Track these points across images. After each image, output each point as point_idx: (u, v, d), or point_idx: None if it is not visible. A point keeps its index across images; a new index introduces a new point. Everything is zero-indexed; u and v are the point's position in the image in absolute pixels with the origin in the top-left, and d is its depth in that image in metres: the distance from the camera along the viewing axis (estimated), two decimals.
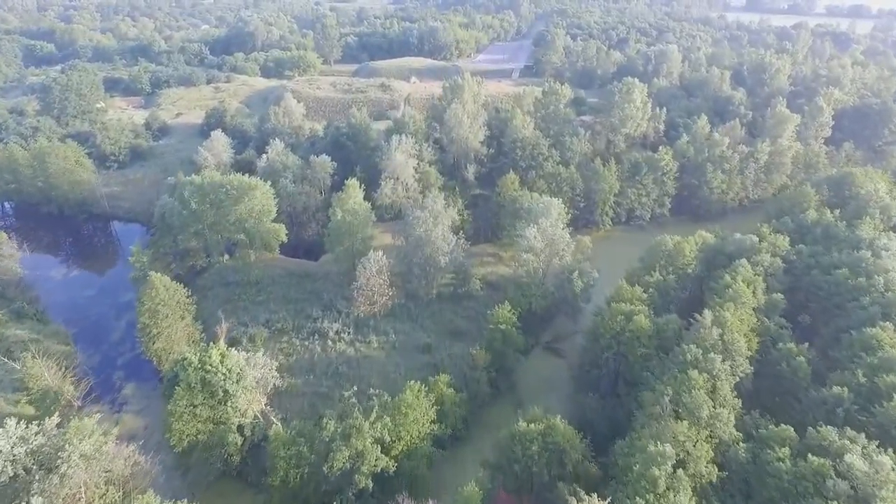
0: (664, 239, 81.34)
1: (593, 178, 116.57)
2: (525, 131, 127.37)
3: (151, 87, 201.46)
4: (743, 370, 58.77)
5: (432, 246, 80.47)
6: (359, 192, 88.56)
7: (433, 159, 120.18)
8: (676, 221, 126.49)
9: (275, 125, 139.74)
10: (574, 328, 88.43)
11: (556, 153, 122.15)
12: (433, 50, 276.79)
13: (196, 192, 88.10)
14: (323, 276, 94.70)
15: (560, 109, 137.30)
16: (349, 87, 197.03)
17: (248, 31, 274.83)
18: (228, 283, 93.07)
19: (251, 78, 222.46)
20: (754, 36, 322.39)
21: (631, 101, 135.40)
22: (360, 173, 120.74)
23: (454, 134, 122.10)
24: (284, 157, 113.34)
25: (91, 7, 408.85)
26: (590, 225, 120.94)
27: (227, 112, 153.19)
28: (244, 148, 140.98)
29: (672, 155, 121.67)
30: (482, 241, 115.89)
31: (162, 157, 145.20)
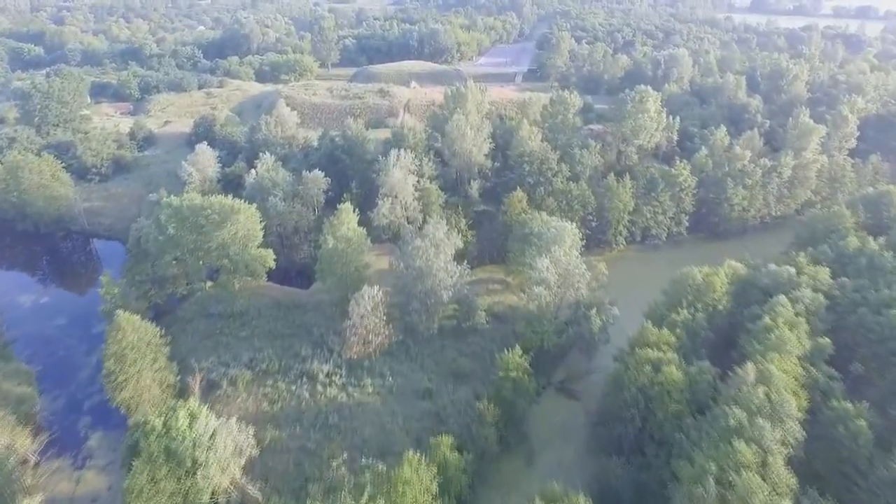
0: (691, 272, 73.09)
1: (606, 195, 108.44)
2: (532, 143, 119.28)
3: (140, 93, 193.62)
4: (795, 437, 50.62)
5: (433, 278, 72.40)
6: (352, 217, 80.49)
7: (434, 174, 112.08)
8: (694, 240, 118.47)
9: (266, 136, 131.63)
10: (589, 366, 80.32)
11: (566, 167, 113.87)
12: (434, 53, 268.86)
13: (174, 215, 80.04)
14: (313, 306, 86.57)
15: (569, 119, 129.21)
16: (346, 93, 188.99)
17: (244, 34, 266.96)
18: (210, 314, 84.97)
19: (245, 83, 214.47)
20: (763, 38, 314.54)
21: (644, 111, 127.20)
22: (355, 189, 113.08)
23: (456, 147, 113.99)
24: (274, 172, 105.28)
25: (85, 8, 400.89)
26: (602, 245, 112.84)
27: (216, 121, 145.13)
28: (233, 160, 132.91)
29: (690, 170, 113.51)
30: (487, 262, 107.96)
31: (147, 169, 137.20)
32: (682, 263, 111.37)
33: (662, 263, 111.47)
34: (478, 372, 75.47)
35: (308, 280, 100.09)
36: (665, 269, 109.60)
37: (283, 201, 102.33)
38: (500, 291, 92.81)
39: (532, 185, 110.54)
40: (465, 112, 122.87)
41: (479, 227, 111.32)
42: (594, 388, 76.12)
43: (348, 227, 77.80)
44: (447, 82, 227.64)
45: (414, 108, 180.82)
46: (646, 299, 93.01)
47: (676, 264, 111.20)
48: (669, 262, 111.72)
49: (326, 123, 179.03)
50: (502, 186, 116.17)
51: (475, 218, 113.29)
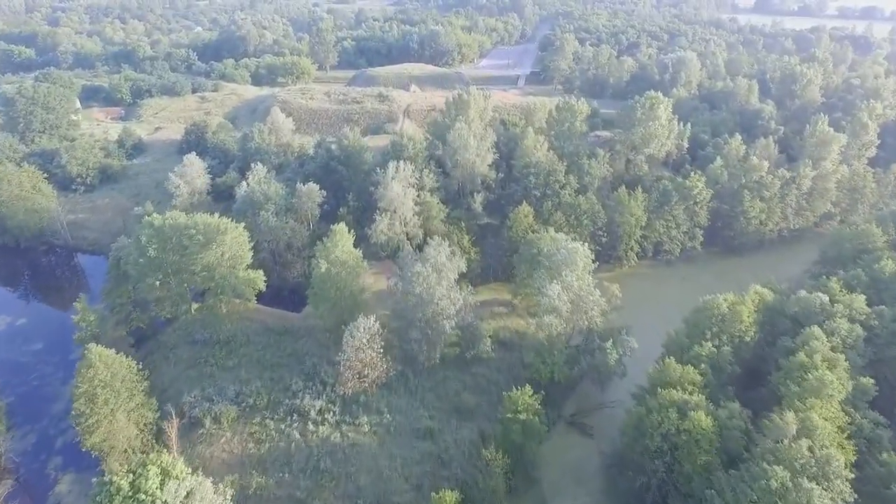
0: (715, 301, 67.08)
1: (617, 209, 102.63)
2: (538, 153, 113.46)
3: (132, 97, 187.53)
4: (845, 500, 44.80)
5: (435, 307, 66.56)
6: (347, 238, 74.53)
7: (435, 186, 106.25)
8: (708, 255, 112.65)
9: (259, 144, 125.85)
10: (602, 398, 74.51)
11: (574, 179, 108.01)
12: (434, 55, 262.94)
13: (155, 236, 74.20)
14: (306, 332, 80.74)
15: (576, 127, 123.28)
16: (344, 98, 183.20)
17: (240, 36, 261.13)
18: (195, 340, 79.11)
19: (240, 86, 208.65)
20: (769, 40, 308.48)
21: (655, 118, 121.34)
22: (352, 201, 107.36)
23: (459, 157, 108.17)
24: (266, 185, 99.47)
25: (80, 9, 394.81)
26: (612, 261, 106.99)
27: (207, 128, 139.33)
28: (225, 169, 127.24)
29: (704, 181, 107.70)
30: (491, 280, 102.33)
31: (136, 179, 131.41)
32: (697, 280, 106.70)
33: (676, 281, 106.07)
34: (483, 407, 69.66)
35: (301, 299, 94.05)
36: (679, 287, 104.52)
37: (276, 216, 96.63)
38: (505, 315, 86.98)
39: (539, 199, 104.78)
40: (468, 120, 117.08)
41: (482, 242, 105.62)
42: (608, 424, 70.39)
43: (343, 249, 71.90)
44: (448, 86, 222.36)
45: (414, 114, 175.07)
46: (661, 321, 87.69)
47: (691, 281, 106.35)
48: (683, 279, 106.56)
49: (324, 129, 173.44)
50: (507, 199, 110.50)
51: (478, 232, 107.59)
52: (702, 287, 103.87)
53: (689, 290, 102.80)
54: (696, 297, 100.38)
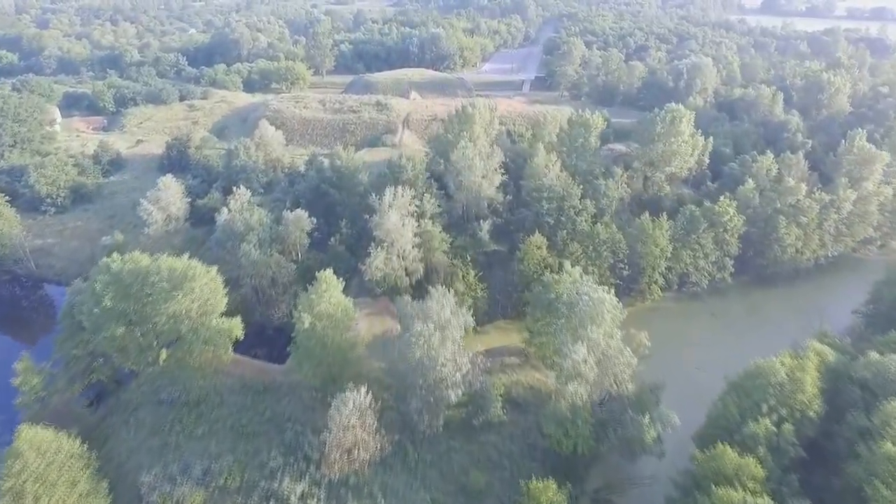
0: (771, 366, 56.42)
1: (639, 237, 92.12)
2: (550, 172, 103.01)
3: (116, 106, 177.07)
4: None
5: (438, 373, 56.11)
6: (335, 286, 63.94)
7: (437, 212, 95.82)
8: (738, 285, 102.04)
9: (244, 161, 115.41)
10: (633, 473, 64.09)
11: (591, 204, 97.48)
12: (435, 59, 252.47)
13: (112, 283, 63.79)
14: (289, 389, 70.23)
15: (590, 143, 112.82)
16: (340, 106, 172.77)
17: (233, 39, 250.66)
18: (161, 401, 68.58)
19: (231, 93, 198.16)
20: (782, 43, 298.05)
21: (677, 134, 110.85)
22: (345, 228, 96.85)
23: (463, 178, 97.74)
24: (249, 212, 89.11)
25: (71, 11, 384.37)
26: (632, 293, 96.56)
27: (190, 142, 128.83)
28: (209, 188, 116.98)
29: (736, 206, 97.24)
30: (499, 317, 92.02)
31: (111, 199, 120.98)
32: (729, 316, 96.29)
33: (705, 317, 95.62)
34: (494, 487, 59.25)
35: (287, 340, 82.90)
36: (710, 326, 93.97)
37: (259, 248, 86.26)
38: (518, 366, 76.38)
39: (552, 226, 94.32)
40: (472, 136, 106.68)
41: (489, 274, 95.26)
42: None
43: (330, 300, 61.38)
44: (450, 92, 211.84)
45: (414, 124, 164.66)
46: (692, 369, 77.79)
47: (722, 318, 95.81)
48: (713, 314, 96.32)
49: (318, 140, 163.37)
50: (516, 224, 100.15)
51: (485, 261, 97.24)
52: (735, 325, 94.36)
53: (722, 328, 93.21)
54: (729, 337, 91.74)
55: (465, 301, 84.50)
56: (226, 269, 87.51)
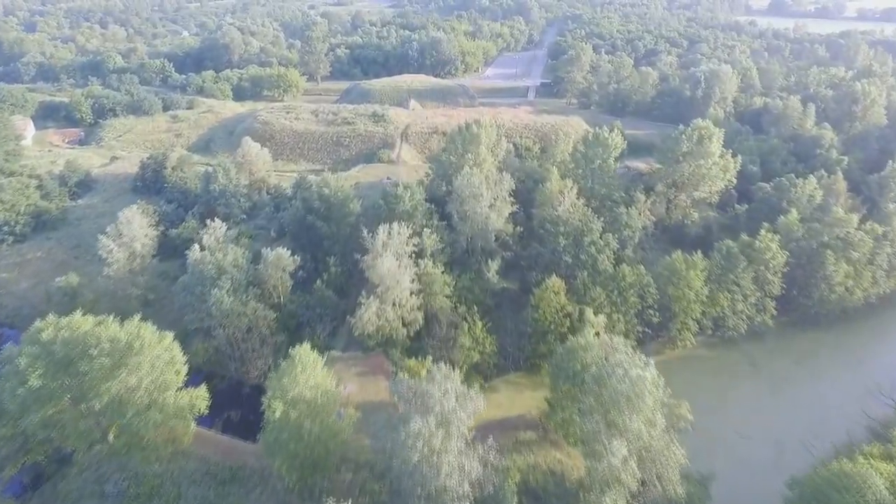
0: (862, 473, 44.62)
1: (670, 279, 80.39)
2: (565, 199, 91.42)
3: (94, 117, 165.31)
4: None
5: (440, 483, 44.40)
6: (314, 362, 52.01)
7: (438, 248, 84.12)
8: (779, 327, 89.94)
9: (224, 185, 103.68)
10: None
11: (613, 238, 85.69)
12: (436, 64, 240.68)
13: (42, 357, 52.09)
14: (259, 477, 58.49)
15: (609, 165, 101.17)
16: (334, 118, 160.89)
17: (223, 44, 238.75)
18: (106, 494, 56.92)
19: (219, 102, 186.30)
20: (797, 46, 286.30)
21: (707, 155, 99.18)
22: (334, 266, 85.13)
23: (468, 208, 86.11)
24: (222, 251, 77.34)
25: (59, 13, 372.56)
26: (660, 337, 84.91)
27: (167, 161, 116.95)
28: (185, 214, 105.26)
29: (779, 241, 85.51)
30: (510, 370, 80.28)
31: (77, 226, 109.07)
32: (773, 368, 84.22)
33: (745, 369, 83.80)
34: None
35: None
36: (752, 380, 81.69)
37: (233, 294, 74.64)
38: (535, 443, 64.55)
39: (569, 265, 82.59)
40: (478, 159, 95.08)
41: (498, 315, 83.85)
42: None
43: (307, 383, 49.58)
44: (451, 101, 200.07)
45: (413, 137, 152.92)
46: (730, 431, 66.99)
47: (765, 369, 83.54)
48: (754, 365, 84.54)
49: (310, 155, 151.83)
50: (528, 260, 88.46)
51: (493, 300, 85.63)
52: (780, 378, 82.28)
53: (765, 383, 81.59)
54: (775, 393, 79.92)
55: (471, 357, 73.17)
56: (195, 317, 76.51)
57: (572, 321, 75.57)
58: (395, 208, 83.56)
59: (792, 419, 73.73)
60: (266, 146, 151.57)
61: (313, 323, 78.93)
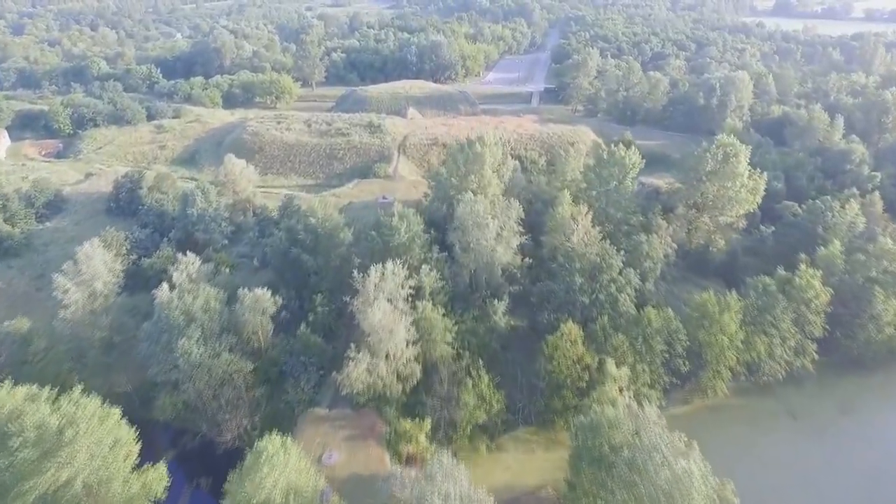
0: None
1: (700, 322, 71.05)
2: (578, 226, 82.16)
3: (74, 127, 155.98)
4: None
5: None
6: (289, 456, 42.58)
7: (438, 287, 74.75)
8: (820, 369, 79.85)
9: (203, 209, 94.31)
10: None
11: (635, 275, 76.28)
12: (435, 69, 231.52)
13: None
14: None
15: (627, 187, 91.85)
16: (328, 128, 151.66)
17: (214, 48, 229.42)
18: None
19: (207, 111, 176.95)
20: (808, 49, 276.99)
21: (735, 176, 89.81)
22: (321, 307, 75.76)
23: (471, 239, 76.79)
24: (192, 296, 67.92)
25: (49, 15, 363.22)
26: (688, 384, 75.52)
27: (143, 180, 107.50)
28: (161, 240, 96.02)
29: (820, 277, 76.15)
30: (519, 425, 70.99)
31: (43, 252, 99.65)
32: (816, 420, 73.97)
33: (784, 420, 74.44)
34: None
35: None
36: (792, 435, 71.99)
37: (204, 343, 65.36)
38: None
39: (586, 306, 73.26)
40: (482, 182, 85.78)
41: (505, 358, 74.72)
42: None
43: (277, 484, 40.19)
44: (452, 108, 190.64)
45: (411, 149, 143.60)
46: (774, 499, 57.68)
47: (807, 422, 73.66)
48: (795, 417, 75.15)
49: (301, 169, 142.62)
50: (539, 296, 78.97)
51: (500, 342, 76.22)
52: (825, 431, 72.60)
53: (809, 437, 72.17)
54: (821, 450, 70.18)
55: (476, 417, 63.91)
56: (161, 369, 67.20)
57: (591, 373, 66.37)
58: (389, 241, 74.13)
59: (844, 483, 64.59)
60: (255, 159, 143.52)
61: (297, 373, 69.60)
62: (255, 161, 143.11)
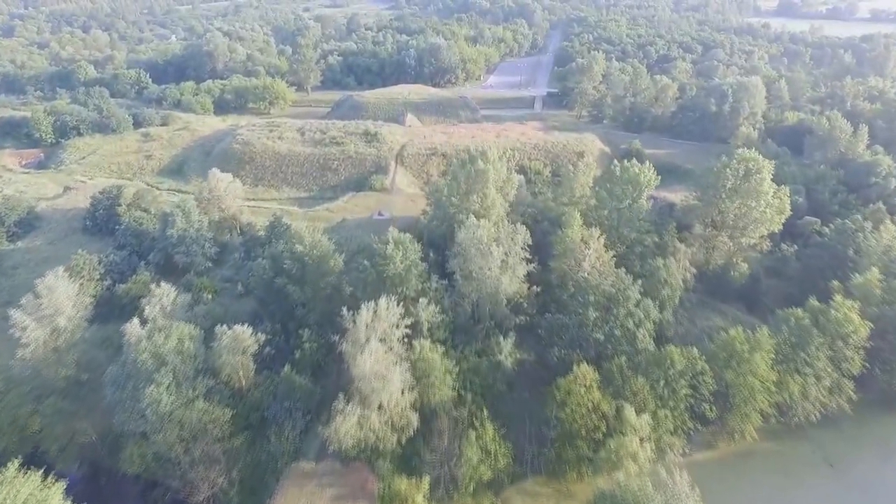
0: None
1: (727, 362, 64.08)
2: (589, 251, 75.33)
3: (56, 136, 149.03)
4: None
5: None
6: None
7: (437, 320, 67.80)
8: (857, 411, 72.47)
9: (185, 230, 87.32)
10: None
11: (654, 307, 69.35)
12: (435, 73, 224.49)
13: None
14: None
15: (641, 206, 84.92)
16: (322, 137, 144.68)
17: (207, 51, 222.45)
18: None
19: (196, 118, 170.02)
20: (817, 51, 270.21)
21: (758, 194, 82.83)
22: (308, 343, 68.86)
23: (473, 268, 69.87)
24: (164, 335, 60.84)
25: (41, 17, 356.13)
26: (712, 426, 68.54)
27: (121, 197, 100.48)
28: (139, 262, 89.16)
29: (859, 309, 69.18)
30: (527, 474, 64.02)
31: (12, 276, 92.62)
32: (856, 469, 67.10)
33: (819, 469, 67.34)
34: None
35: None
36: (828, 483, 65.52)
37: (176, 389, 58.42)
38: None
39: (601, 343, 66.31)
40: (486, 203, 78.82)
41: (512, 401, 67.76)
42: None
43: None
44: (452, 114, 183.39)
45: (409, 159, 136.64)
46: None
47: (847, 472, 66.91)
48: (832, 465, 68.03)
49: (293, 181, 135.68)
50: (549, 330, 71.96)
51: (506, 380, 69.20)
52: (866, 483, 66.05)
53: (849, 491, 64.88)
54: None
55: (480, 473, 56.97)
56: (127, 417, 60.26)
57: (608, 421, 59.44)
58: (383, 271, 67.15)
59: None
60: (245, 170, 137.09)
61: (280, 419, 62.62)
62: (246, 172, 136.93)
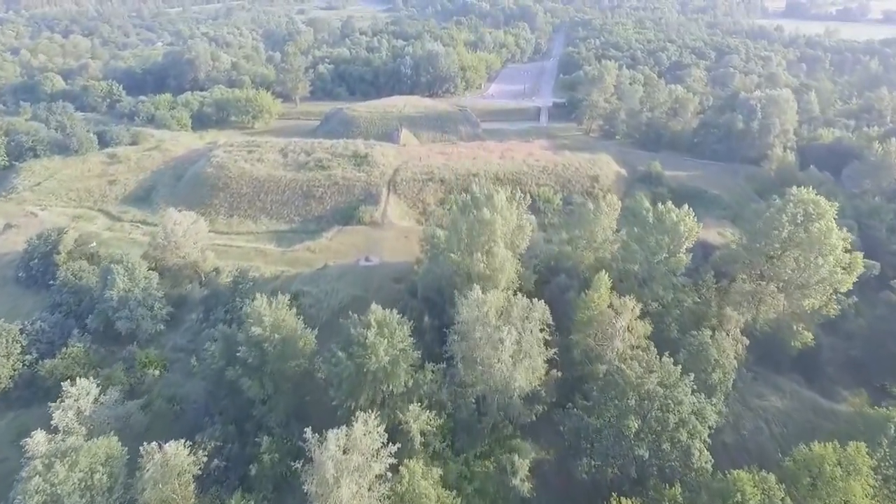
0: None
1: (814, 484, 49.15)
2: (619, 324, 60.44)
3: (10, 158, 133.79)
4: None
5: None
6: None
7: (434, 426, 52.82)
8: None
9: (128, 291, 72.13)
10: None
11: (709, 404, 54.35)
12: (432, 82, 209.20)
13: None
14: None
15: (680, 260, 69.94)
16: (307, 159, 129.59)
17: (188, 59, 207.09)
18: None
19: (171, 135, 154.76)
20: (836, 56, 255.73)
21: (824, 248, 67.78)
22: (267, 454, 53.80)
23: (478, 356, 54.88)
24: (66, 466, 45.81)
25: (20, 21, 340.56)
26: None
27: (60, 243, 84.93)
28: (75, 328, 74.04)
29: None
30: None
31: None
32: None
33: None
34: None
35: None
36: None
37: None
38: None
39: (643, 463, 51.21)
40: (493, 264, 63.70)
41: None
42: None
43: None
44: (451, 129, 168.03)
45: (403, 186, 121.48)
46: None
47: None
48: None
49: (273, 210, 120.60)
50: (572, 434, 56.90)
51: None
52: None
53: None
54: None
55: None
56: None
57: None
58: (363, 366, 52.01)
59: None
60: (219, 198, 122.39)
61: None
62: (220, 200, 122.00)
